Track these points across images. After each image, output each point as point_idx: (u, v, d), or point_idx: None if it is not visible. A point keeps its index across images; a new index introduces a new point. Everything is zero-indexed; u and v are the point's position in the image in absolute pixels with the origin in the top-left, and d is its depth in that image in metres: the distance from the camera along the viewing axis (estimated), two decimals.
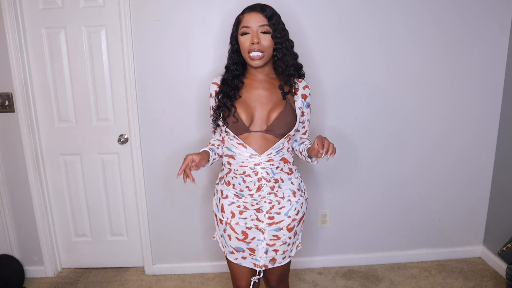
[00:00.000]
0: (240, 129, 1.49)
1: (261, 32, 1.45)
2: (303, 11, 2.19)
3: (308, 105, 1.60)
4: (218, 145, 1.66)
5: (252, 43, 1.44)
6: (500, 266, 2.40)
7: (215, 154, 1.63)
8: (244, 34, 1.47)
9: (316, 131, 2.33)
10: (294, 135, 1.63)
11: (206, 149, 1.61)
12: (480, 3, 2.23)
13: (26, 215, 2.44)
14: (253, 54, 1.45)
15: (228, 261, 1.65)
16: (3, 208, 2.43)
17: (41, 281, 2.49)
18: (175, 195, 2.43)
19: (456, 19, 2.25)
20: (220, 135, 1.64)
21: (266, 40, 1.46)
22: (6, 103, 2.27)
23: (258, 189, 1.52)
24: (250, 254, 1.58)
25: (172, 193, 2.43)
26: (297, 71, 1.58)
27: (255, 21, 1.45)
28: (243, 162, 1.51)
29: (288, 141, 1.56)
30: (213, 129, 1.69)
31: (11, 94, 2.26)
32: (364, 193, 2.49)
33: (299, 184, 1.62)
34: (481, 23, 2.26)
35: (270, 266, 1.57)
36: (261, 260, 1.56)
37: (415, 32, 2.25)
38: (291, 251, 1.61)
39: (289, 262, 1.65)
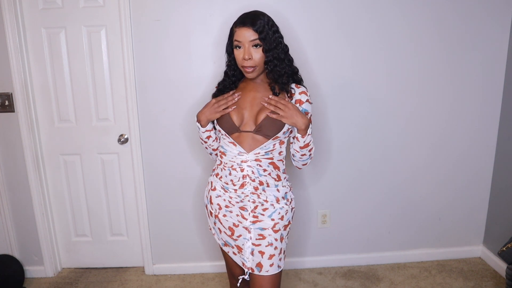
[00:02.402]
0: (232, 129, 1.55)
1: (252, 46, 1.48)
2: (303, 12, 2.19)
3: (305, 113, 1.56)
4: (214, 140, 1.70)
5: (244, 59, 1.48)
6: (500, 266, 2.40)
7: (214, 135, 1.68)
8: (237, 47, 1.51)
9: (317, 131, 2.33)
10: (291, 142, 1.62)
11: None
12: (480, 3, 2.23)
13: (26, 215, 2.44)
14: (246, 68, 1.51)
15: (223, 250, 1.71)
16: (3, 208, 2.43)
17: (41, 281, 2.49)
18: (175, 195, 2.43)
19: (456, 19, 2.25)
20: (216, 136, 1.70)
21: (258, 54, 1.48)
22: (6, 103, 2.27)
23: (242, 186, 1.56)
24: (238, 252, 1.61)
25: (172, 193, 2.43)
26: (292, 77, 1.58)
27: (245, 37, 1.47)
28: (232, 158, 1.56)
29: (280, 144, 1.56)
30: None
31: (11, 94, 2.26)
32: (364, 193, 2.49)
33: (286, 192, 1.61)
34: (481, 23, 2.26)
35: (256, 272, 1.55)
36: (248, 261, 1.57)
37: (415, 33, 2.25)
38: (279, 259, 1.57)
39: (279, 279, 1.60)
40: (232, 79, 1.61)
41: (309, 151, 1.58)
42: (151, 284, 2.44)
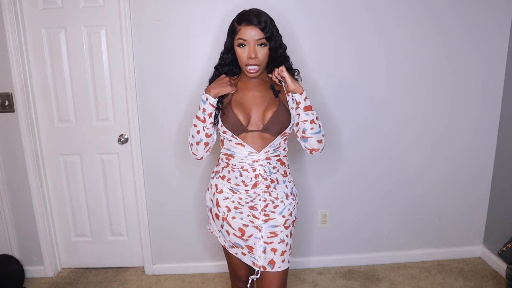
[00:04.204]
0: (238, 130, 1.54)
1: (257, 45, 1.49)
2: (303, 11, 2.19)
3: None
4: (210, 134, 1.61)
5: (250, 58, 1.48)
6: (500, 266, 2.40)
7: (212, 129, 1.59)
8: (241, 45, 1.50)
9: None
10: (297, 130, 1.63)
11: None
12: (480, 3, 2.23)
13: (26, 215, 2.44)
14: (250, 68, 1.50)
15: (227, 252, 1.69)
16: (3, 208, 2.43)
17: (41, 281, 2.49)
18: (175, 195, 2.43)
19: (456, 19, 2.25)
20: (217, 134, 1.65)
21: (262, 53, 1.50)
22: (6, 103, 2.27)
23: (254, 185, 1.56)
24: (249, 252, 1.60)
25: (172, 193, 2.43)
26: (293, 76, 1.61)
27: (252, 35, 1.47)
28: (241, 159, 1.56)
29: (284, 140, 1.60)
30: None
31: (11, 94, 2.26)
32: (364, 193, 2.49)
33: (292, 188, 1.66)
34: (481, 23, 2.26)
35: (269, 269, 1.56)
36: (259, 260, 1.57)
37: (415, 32, 2.25)
38: (289, 254, 1.60)
39: (287, 274, 1.62)
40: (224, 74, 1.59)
41: (317, 119, 1.55)
42: (151, 284, 2.44)
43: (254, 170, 1.55)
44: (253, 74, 1.52)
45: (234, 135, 1.54)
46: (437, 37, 2.27)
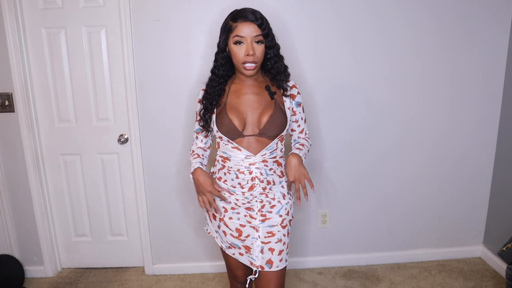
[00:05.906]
0: (234, 135, 1.52)
1: (255, 42, 1.47)
2: (303, 12, 2.19)
3: (298, 104, 1.61)
4: (202, 154, 1.68)
5: (247, 55, 1.46)
6: (500, 266, 2.40)
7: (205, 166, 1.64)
8: (237, 43, 1.47)
9: (317, 131, 2.34)
10: (291, 134, 1.69)
11: (199, 165, 1.60)
12: (480, 4, 2.23)
13: (26, 215, 2.44)
14: (247, 65, 1.48)
15: (224, 253, 1.69)
16: (3, 208, 2.43)
17: (41, 281, 2.50)
18: (175, 195, 2.43)
19: (456, 20, 2.25)
20: (202, 140, 1.69)
21: (260, 50, 1.48)
22: (6, 103, 2.27)
23: (251, 188, 1.55)
24: (246, 252, 1.60)
25: (172, 193, 2.43)
26: (284, 74, 1.59)
27: (250, 32, 1.45)
28: (238, 162, 1.54)
29: (281, 142, 1.59)
30: (195, 135, 1.70)
31: (11, 94, 2.26)
32: (364, 193, 2.49)
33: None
34: (481, 23, 2.26)
35: (267, 268, 1.56)
36: (257, 260, 1.57)
37: (415, 33, 2.25)
38: (286, 253, 1.61)
39: (284, 273, 1.63)
40: (221, 80, 1.56)
41: (304, 155, 1.65)
42: (151, 284, 2.44)
43: (250, 172, 1.54)
44: (250, 72, 1.49)
45: (230, 141, 1.53)
46: (437, 37, 2.27)
